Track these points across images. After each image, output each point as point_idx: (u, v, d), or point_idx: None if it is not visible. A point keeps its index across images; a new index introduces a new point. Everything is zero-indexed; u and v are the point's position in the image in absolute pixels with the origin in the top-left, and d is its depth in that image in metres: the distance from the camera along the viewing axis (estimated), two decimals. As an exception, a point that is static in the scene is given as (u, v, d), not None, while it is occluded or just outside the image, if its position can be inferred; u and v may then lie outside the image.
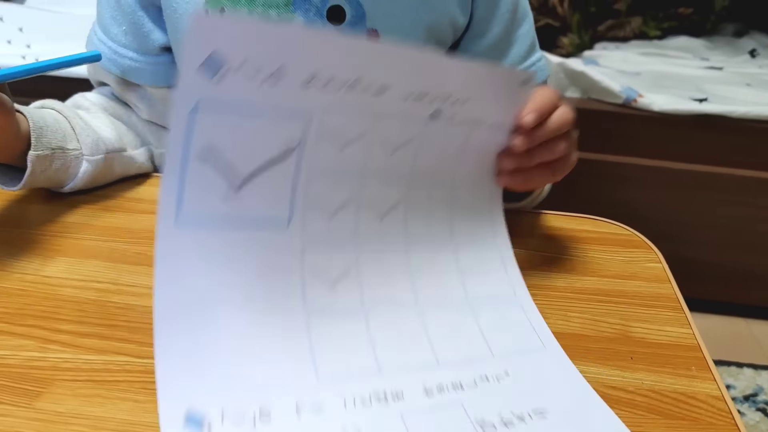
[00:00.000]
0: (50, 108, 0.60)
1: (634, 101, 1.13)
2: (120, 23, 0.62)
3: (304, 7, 0.58)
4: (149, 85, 0.64)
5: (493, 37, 0.64)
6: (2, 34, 1.24)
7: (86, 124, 0.60)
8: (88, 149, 0.59)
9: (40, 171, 0.56)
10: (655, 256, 0.60)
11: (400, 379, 0.39)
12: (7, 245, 0.54)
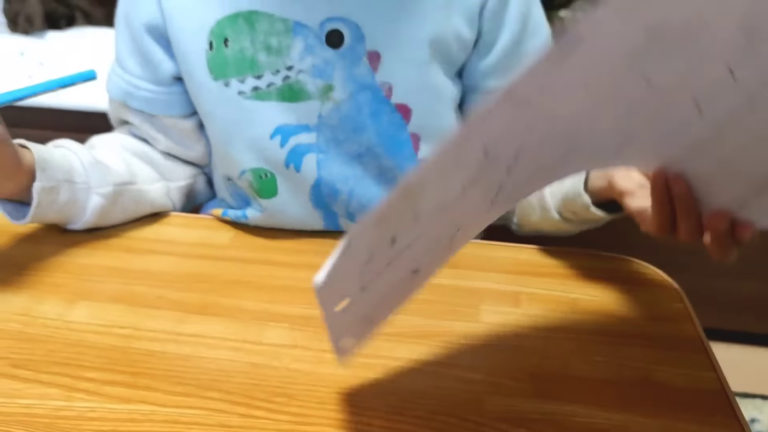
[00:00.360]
0: (60, 145, 0.61)
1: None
2: (134, 56, 0.64)
3: (303, 33, 0.59)
4: (164, 115, 0.66)
5: (501, 50, 0.63)
6: (23, 69, 1.28)
7: (94, 159, 0.62)
8: (96, 182, 0.60)
9: (47, 204, 0.57)
10: (678, 295, 0.60)
11: None
12: (30, 289, 0.56)
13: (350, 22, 0.59)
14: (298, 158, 0.62)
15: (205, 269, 0.59)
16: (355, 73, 0.60)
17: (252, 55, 0.59)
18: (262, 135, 0.62)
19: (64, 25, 1.46)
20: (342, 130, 0.61)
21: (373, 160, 0.63)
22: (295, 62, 0.59)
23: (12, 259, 0.59)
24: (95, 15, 1.47)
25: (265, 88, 0.60)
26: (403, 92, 0.61)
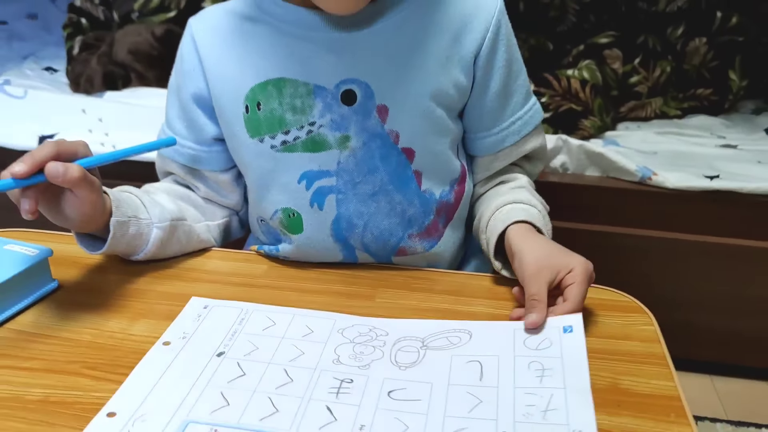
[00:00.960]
0: (125, 190, 0.73)
1: (649, 179, 1.22)
2: (182, 120, 0.76)
3: (322, 94, 0.69)
4: (205, 169, 0.78)
5: (494, 92, 0.73)
6: (85, 124, 1.39)
7: (152, 199, 0.73)
8: (156, 218, 0.71)
9: (120, 235, 0.68)
10: (649, 319, 0.66)
11: None
12: (99, 309, 0.66)
13: (361, 83, 0.68)
14: (321, 199, 0.72)
15: (242, 294, 0.68)
16: (367, 125, 0.69)
17: (280, 115, 0.70)
18: (291, 180, 0.72)
19: (120, 85, 1.60)
20: (358, 173, 0.71)
21: (384, 196, 0.72)
22: (317, 119, 0.69)
23: (84, 285, 0.70)
24: (148, 77, 1.61)
25: (293, 141, 0.70)
26: (408, 137, 0.70)
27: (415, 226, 0.74)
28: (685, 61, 1.70)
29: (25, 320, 0.64)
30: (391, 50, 0.68)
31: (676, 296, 1.24)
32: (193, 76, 0.73)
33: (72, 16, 1.83)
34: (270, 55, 0.70)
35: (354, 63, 0.68)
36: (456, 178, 0.76)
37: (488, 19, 0.71)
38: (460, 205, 0.78)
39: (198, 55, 0.73)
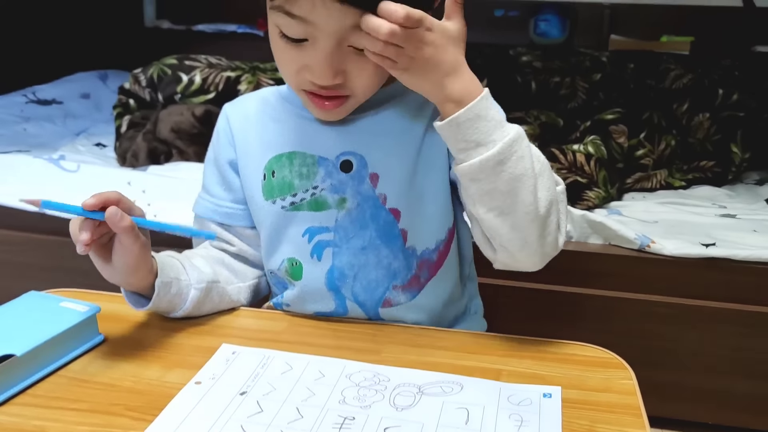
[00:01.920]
0: (168, 254, 0.83)
1: (648, 246, 1.29)
2: (220, 184, 0.88)
3: (325, 164, 0.81)
4: (238, 225, 0.89)
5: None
6: (129, 195, 1.47)
7: (192, 263, 0.84)
8: (194, 280, 0.81)
9: (163, 294, 0.78)
10: (629, 373, 0.72)
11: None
12: (138, 359, 0.74)
13: (357, 155, 0.81)
14: (320, 250, 0.83)
15: (265, 347, 0.76)
16: (361, 189, 0.81)
17: (290, 180, 0.82)
18: (297, 234, 0.83)
19: (163, 160, 1.72)
20: (352, 229, 0.82)
21: (373, 251, 0.82)
22: (319, 183, 0.81)
23: (126, 339, 0.79)
24: (188, 152, 1.73)
25: (299, 202, 0.82)
26: (395, 199, 0.81)
27: (399, 278, 0.83)
28: (690, 134, 1.79)
29: (75, 368, 0.73)
30: (382, 129, 0.81)
31: (673, 358, 1.29)
32: (227, 148, 0.87)
33: (122, 97, 1.99)
34: (285, 133, 0.83)
35: (351, 139, 0.81)
36: (442, 239, 0.84)
37: None
38: (444, 264, 0.85)
39: (231, 133, 0.87)
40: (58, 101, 2.23)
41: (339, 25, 0.68)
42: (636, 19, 2.53)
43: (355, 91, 0.75)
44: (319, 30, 0.68)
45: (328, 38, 0.69)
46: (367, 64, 0.71)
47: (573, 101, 1.96)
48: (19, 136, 1.93)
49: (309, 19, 0.68)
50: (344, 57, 0.71)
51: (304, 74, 0.73)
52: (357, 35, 0.68)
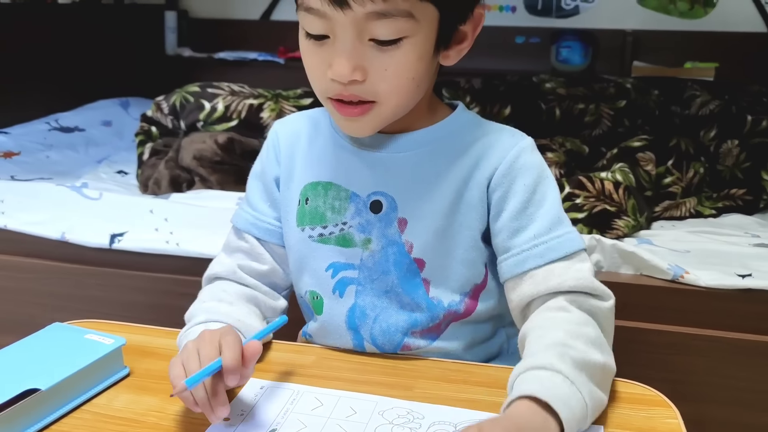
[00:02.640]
0: (238, 319, 0.79)
1: (681, 277, 1.26)
2: (266, 201, 0.87)
3: (356, 201, 0.80)
4: (274, 243, 0.86)
5: (509, 215, 0.76)
6: (151, 223, 1.50)
7: (246, 326, 0.79)
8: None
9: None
10: (673, 413, 0.70)
11: None
12: (163, 394, 0.72)
13: (388, 196, 0.79)
14: (342, 287, 0.81)
15: (293, 381, 0.76)
16: (387, 232, 0.79)
17: (322, 212, 0.81)
18: (320, 267, 0.82)
19: (185, 188, 1.72)
20: (375, 271, 0.80)
21: (395, 296, 0.80)
22: (348, 219, 0.80)
23: (151, 372, 0.78)
24: (210, 180, 1.73)
25: (327, 235, 0.81)
26: (421, 250, 0.79)
27: (419, 326, 0.81)
28: (719, 162, 1.76)
29: (100, 402, 0.72)
30: (418, 173, 0.78)
31: (709, 392, 1.25)
32: (274, 165, 0.87)
33: (144, 124, 2.00)
34: (324, 161, 0.82)
35: (385, 179, 0.79)
36: (468, 292, 0.81)
37: (507, 148, 0.77)
38: (472, 316, 0.82)
39: (279, 150, 0.86)
40: (81, 129, 2.24)
41: (353, 14, 0.67)
42: (659, 45, 2.52)
43: (380, 96, 0.72)
44: (336, 22, 0.68)
45: (345, 30, 0.68)
46: (390, 61, 0.70)
47: (597, 128, 1.94)
48: (42, 163, 1.94)
49: (324, 11, 0.67)
50: (365, 51, 0.69)
51: (327, 76, 0.71)
52: (375, 24, 0.67)
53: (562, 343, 0.66)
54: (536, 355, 0.66)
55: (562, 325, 0.69)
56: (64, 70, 2.41)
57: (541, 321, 0.71)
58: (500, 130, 0.80)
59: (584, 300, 0.72)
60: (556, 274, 0.73)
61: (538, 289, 0.74)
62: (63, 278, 1.53)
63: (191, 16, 3.01)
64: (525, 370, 0.64)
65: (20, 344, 0.77)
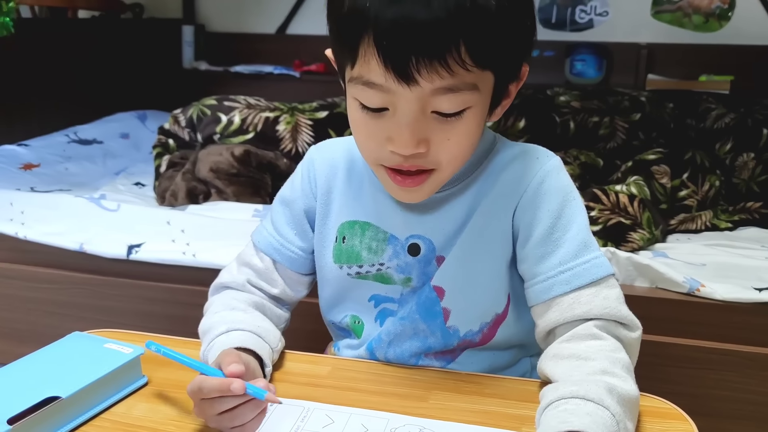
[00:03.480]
0: (258, 335, 0.78)
1: (697, 290, 1.25)
2: (293, 228, 0.86)
3: (394, 243, 0.80)
4: (294, 270, 0.86)
5: (536, 240, 0.75)
6: (168, 235, 1.52)
7: (270, 336, 0.80)
8: (270, 362, 0.79)
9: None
10: (690, 427, 0.69)
11: None
12: (183, 403, 0.74)
13: (426, 239, 0.79)
14: (383, 318, 0.83)
15: (306, 392, 0.76)
16: (427, 271, 0.80)
17: (358, 251, 0.81)
18: (363, 297, 0.83)
19: (201, 200, 1.74)
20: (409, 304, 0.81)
21: (411, 322, 0.81)
22: (386, 261, 0.80)
23: (170, 381, 0.79)
24: (227, 192, 1.74)
25: (364, 273, 0.82)
26: (440, 278, 0.79)
27: (432, 350, 0.82)
28: (734, 175, 1.75)
29: (119, 411, 0.73)
30: (452, 209, 0.78)
31: (724, 406, 1.24)
32: (308, 196, 0.85)
33: (161, 137, 2.02)
34: (361, 200, 0.82)
35: (422, 222, 0.79)
36: (487, 323, 0.81)
37: (532, 174, 0.76)
38: (489, 344, 0.82)
39: (315, 182, 0.85)
40: (99, 141, 2.27)
41: (420, 90, 0.64)
42: (673, 58, 2.52)
43: (441, 165, 0.70)
44: (400, 96, 0.65)
45: (409, 104, 0.66)
46: (453, 132, 0.68)
47: (612, 141, 1.94)
48: (61, 175, 1.97)
49: (388, 87, 0.65)
50: (427, 124, 0.67)
51: (385, 147, 0.69)
52: (440, 99, 0.65)
53: (603, 370, 0.66)
54: (582, 384, 0.65)
55: (601, 353, 0.69)
56: (84, 83, 2.45)
57: (577, 349, 0.70)
58: (525, 153, 0.78)
59: (614, 328, 0.72)
60: (583, 302, 0.72)
61: (564, 316, 0.73)
62: (81, 289, 1.54)
63: (208, 30, 3.05)
64: (572, 396, 0.63)
65: (41, 353, 0.78)
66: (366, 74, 0.66)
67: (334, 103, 2.01)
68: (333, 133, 1.92)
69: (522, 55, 0.71)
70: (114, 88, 2.58)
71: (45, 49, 2.25)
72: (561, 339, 0.72)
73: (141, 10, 2.92)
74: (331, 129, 1.92)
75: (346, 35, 0.66)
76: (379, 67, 0.63)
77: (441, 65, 0.62)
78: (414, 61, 0.62)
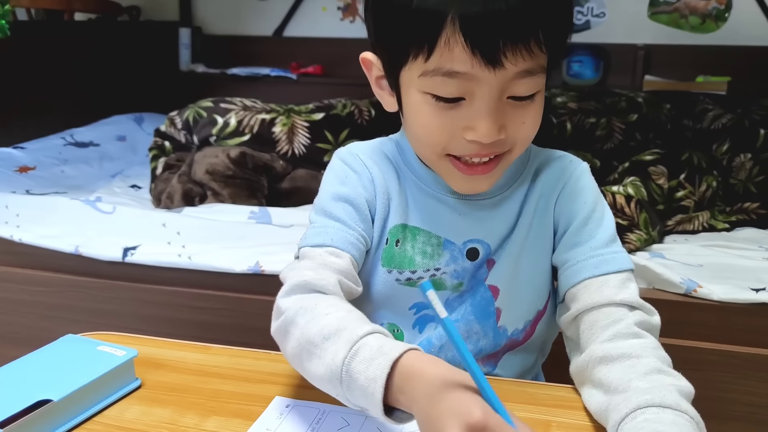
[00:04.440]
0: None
1: (694, 291, 1.25)
2: (360, 223, 0.78)
3: (450, 248, 0.79)
4: (360, 264, 0.78)
5: (573, 229, 0.78)
6: (164, 237, 1.52)
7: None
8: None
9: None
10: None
11: None
12: (175, 406, 0.73)
13: (484, 243, 0.79)
14: (423, 324, 0.82)
15: (322, 395, 0.72)
16: (477, 274, 0.80)
17: (411, 256, 0.79)
18: (404, 306, 0.81)
19: (197, 202, 1.73)
20: (457, 309, 0.80)
21: (464, 325, 0.80)
22: (442, 266, 0.79)
23: (163, 384, 0.78)
24: (222, 194, 1.74)
25: (416, 279, 0.80)
26: (496, 276, 0.79)
27: (482, 354, 0.82)
28: (731, 176, 1.75)
29: (111, 414, 0.72)
30: (503, 213, 0.79)
31: (723, 408, 1.24)
32: (368, 190, 0.79)
33: (157, 139, 2.02)
34: (410, 204, 0.80)
35: (478, 225, 0.79)
36: (530, 320, 0.83)
37: (569, 172, 0.80)
38: (526, 343, 0.84)
39: (372, 178, 0.80)
40: (95, 144, 2.27)
41: (504, 74, 0.65)
42: (670, 59, 2.52)
43: (515, 146, 0.72)
44: (483, 83, 0.66)
45: (491, 90, 0.66)
46: (527, 115, 0.70)
47: (609, 142, 1.94)
48: (57, 177, 1.97)
49: (473, 74, 0.65)
50: (504, 111, 0.68)
51: (460, 138, 0.69)
52: (517, 83, 0.67)
53: (659, 369, 0.66)
54: (654, 391, 0.63)
55: (647, 350, 0.69)
56: (80, 85, 2.45)
57: (624, 348, 0.69)
58: (560, 157, 0.82)
59: (642, 318, 0.72)
60: (611, 285, 0.74)
61: (592, 298, 0.74)
62: (76, 291, 1.54)
63: (205, 33, 3.04)
64: (648, 405, 0.62)
65: (33, 355, 0.77)
66: (448, 63, 0.65)
67: (330, 104, 2.01)
68: (329, 135, 1.92)
69: (568, 39, 0.73)
70: (111, 91, 2.57)
71: (41, 52, 2.24)
72: (602, 339, 0.71)
73: (138, 12, 2.92)
74: (327, 131, 1.92)
75: (424, 28, 0.65)
76: (465, 53, 0.64)
77: (525, 48, 0.64)
78: (501, 45, 0.63)
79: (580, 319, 0.75)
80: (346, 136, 1.92)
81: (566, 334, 0.79)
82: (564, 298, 0.79)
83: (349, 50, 2.91)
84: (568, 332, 0.78)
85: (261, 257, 1.40)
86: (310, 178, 1.87)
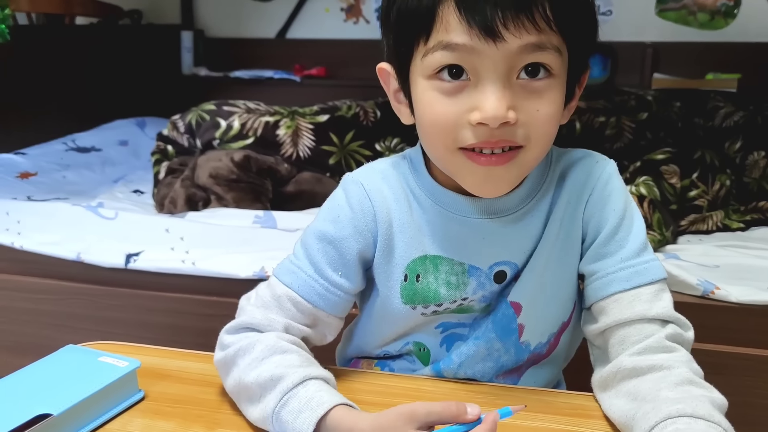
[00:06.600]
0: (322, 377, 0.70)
1: (712, 293, 1.22)
2: (337, 270, 0.75)
3: (476, 274, 0.75)
4: (335, 315, 0.77)
5: (602, 238, 0.74)
6: (167, 242, 1.49)
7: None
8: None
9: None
10: None
11: None
12: (179, 418, 0.71)
13: (512, 264, 0.75)
14: (450, 343, 0.79)
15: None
16: (504, 292, 0.76)
17: (435, 288, 0.75)
18: (430, 327, 0.79)
19: (201, 206, 1.71)
20: (481, 327, 0.78)
21: (485, 342, 0.77)
22: (470, 295, 0.76)
23: (167, 395, 0.76)
24: (226, 198, 1.72)
25: (442, 311, 0.77)
26: (518, 293, 0.76)
27: (503, 369, 0.79)
28: (745, 174, 1.71)
29: (113, 428, 0.70)
30: (526, 226, 0.75)
31: (743, 412, 1.20)
32: (363, 234, 0.74)
33: (160, 143, 1.99)
34: (428, 232, 0.75)
35: (504, 246, 0.75)
36: (554, 333, 0.79)
37: (596, 175, 0.75)
38: (550, 356, 0.81)
39: (374, 215, 0.74)
40: (97, 149, 2.24)
41: (507, 47, 0.62)
42: (679, 57, 2.49)
43: (530, 141, 0.66)
44: (485, 58, 0.62)
45: (496, 66, 0.63)
46: (541, 102, 0.65)
47: (619, 141, 1.90)
48: (59, 183, 1.94)
49: (472, 46, 0.62)
50: (514, 92, 0.64)
51: (468, 123, 0.65)
52: (527, 58, 0.63)
53: (690, 381, 0.66)
54: (686, 401, 0.62)
55: (679, 363, 0.68)
56: (82, 90, 2.43)
57: (655, 361, 0.68)
58: (585, 157, 0.77)
59: (674, 332, 0.71)
60: (644, 300, 0.71)
61: (623, 314, 0.71)
62: (78, 299, 1.51)
63: (207, 36, 3.03)
64: (679, 414, 0.61)
65: (32, 367, 0.75)
66: (446, 36, 0.63)
67: (335, 106, 1.98)
68: (334, 137, 1.89)
69: (591, 37, 0.69)
70: (112, 95, 2.56)
71: (42, 57, 2.22)
72: (631, 351, 0.69)
73: (139, 16, 2.90)
74: (333, 133, 1.89)
75: (421, 5, 0.64)
76: (462, 24, 0.62)
77: (528, 19, 0.61)
78: (500, 15, 0.60)
79: (610, 333, 0.72)
80: (351, 137, 1.89)
81: (593, 342, 0.76)
82: (591, 308, 0.75)
83: (352, 51, 2.94)
84: (596, 342, 0.75)
85: (266, 262, 1.37)
86: (315, 181, 1.84)
